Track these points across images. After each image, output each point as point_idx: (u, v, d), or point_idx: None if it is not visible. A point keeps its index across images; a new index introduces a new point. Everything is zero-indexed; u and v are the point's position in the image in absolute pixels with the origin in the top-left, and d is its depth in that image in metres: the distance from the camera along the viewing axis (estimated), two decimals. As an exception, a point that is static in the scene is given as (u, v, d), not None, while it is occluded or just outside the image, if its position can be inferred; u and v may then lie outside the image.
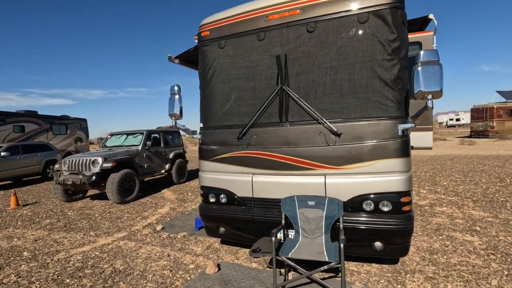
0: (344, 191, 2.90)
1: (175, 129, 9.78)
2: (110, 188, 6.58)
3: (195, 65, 5.05)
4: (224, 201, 3.49)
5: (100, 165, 6.70)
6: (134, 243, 4.27)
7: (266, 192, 3.24)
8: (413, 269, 3.13)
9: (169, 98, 3.62)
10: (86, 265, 3.61)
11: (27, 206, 7.15)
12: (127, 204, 6.82)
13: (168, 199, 7.22)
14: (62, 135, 17.18)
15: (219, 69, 3.50)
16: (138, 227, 5.04)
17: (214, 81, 3.53)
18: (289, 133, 3.13)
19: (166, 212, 6.00)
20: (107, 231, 4.89)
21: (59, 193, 7.09)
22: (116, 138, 8.60)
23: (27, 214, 6.36)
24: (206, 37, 3.59)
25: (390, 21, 2.77)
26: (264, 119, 3.25)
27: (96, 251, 4.06)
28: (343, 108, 2.93)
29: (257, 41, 3.29)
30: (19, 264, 3.74)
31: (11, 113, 14.28)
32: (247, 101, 3.35)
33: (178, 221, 5.29)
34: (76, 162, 6.89)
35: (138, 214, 5.90)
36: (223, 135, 3.48)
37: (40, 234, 4.92)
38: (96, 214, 6.07)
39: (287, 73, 3.13)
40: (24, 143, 11.47)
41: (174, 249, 3.98)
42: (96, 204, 6.97)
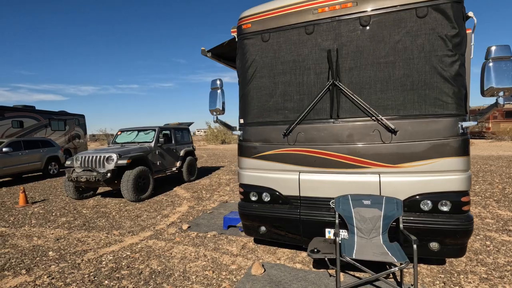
0: (401, 190, 2.83)
1: (184, 126, 9.62)
2: (125, 186, 6.39)
3: (227, 60, 4.96)
4: (267, 200, 3.39)
5: (115, 162, 6.51)
6: (164, 243, 4.13)
7: (315, 191, 3.14)
8: (464, 270, 3.08)
9: (210, 92, 3.49)
10: (121, 266, 3.46)
11: (36, 203, 6.91)
12: (142, 202, 6.65)
13: (183, 197, 7.06)
14: (60, 131, 16.76)
15: (262, 63, 3.38)
16: (162, 226, 4.89)
17: (257, 76, 3.41)
18: (340, 130, 3.04)
19: (186, 210, 5.85)
20: (131, 230, 4.73)
21: (70, 191, 6.86)
22: (127, 134, 8.38)
23: (39, 212, 6.13)
24: (248, 29, 3.47)
25: (451, 16, 2.69)
26: (313, 115, 3.15)
27: (126, 250, 3.90)
28: (400, 105, 2.85)
29: (305, 34, 3.19)
30: (48, 264, 3.57)
31: (10, 107, 13.84)
32: (294, 97, 3.24)
33: (202, 220, 5.15)
34: (89, 159, 6.67)
35: (157, 213, 5.74)
36: (267, 131, 3.37)
37: (60, 233, 4.73)
38: (113, 212, 5.89)
39: (338, 68, 3.04)
40: (26, 139, 11.12)
41: (208, 249, 3.86)
42: (109, 202, 6.77)
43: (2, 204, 6.94)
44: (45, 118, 15.67)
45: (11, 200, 7.42)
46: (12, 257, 3.82)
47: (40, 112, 15.48)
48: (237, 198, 6.78)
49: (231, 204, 6.21)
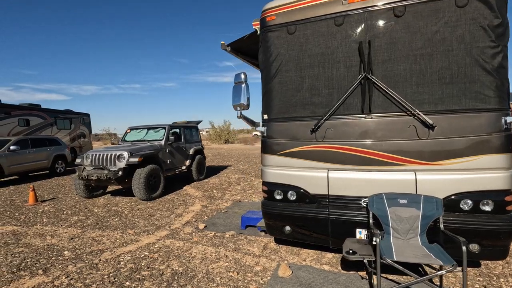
0: (439, 188, 2.69)
1: (193, 124, 9.50)
2: (136, 184, 6.28)
3: (245, 56, 4.83)
4: (293, 199, 3.25)
5: (126, 160, 6.40)
6: (182, 243, 4.01)
7: (345, 189, 3.01)
8: (502, 273, 2.94)
9: (234, 87, 3.36)
10: (140, 266, 3.34)
11: (45, 202, 6.81)
12: (153, 201, 6.53)
13: (195, 196, 6.94)
14: (66, 129, 16.71)
15: (288, 57, 3.25)
16: (178, 226, 4.77)
17: (282, 70, 3.27)
18: (372, 125, 2.90)
19: (199, 210, 5.73)
20: (146, 230, 4.61)
21: (80, 189, 6.75)
22: (136, 132, 8.28)
23: (50, 210, 6.03)
24: (272, 22, 3.34)
25: (494, 5, 2.55)
26: (343, 111, 3.01)
27: (143, 250, 3.78)
28: (438, 99, 2.71)
29: (334, 26, 3.05)
30: (64, 264, 3.45)
31: (16, 106, 13.79)
32: (322, 91, 3.11)
33: (218, 219, 5.03)
34: (100, 157, 6.56)
35: (170, 212, 5.62)
36: (293, 127, 3.24)
37: (74, 232, 4.62)
38: (125, 211, 5.77)
39: (370, 60, 2.90)
40: (33, 137, 11.05)
41: (229, 250, 3.73)
42: (120, 200, 6.66)
43: (11, 203, 6.85)
44: (51, 116, 15.62)
45: (20, 198, 7.33)
46: (27, 256, 3.71)
47: (46, 111, 15.43)
48: (249, 197, 6.65)
49: (245, 203, 6.09)
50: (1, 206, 6.55)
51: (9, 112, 12.95)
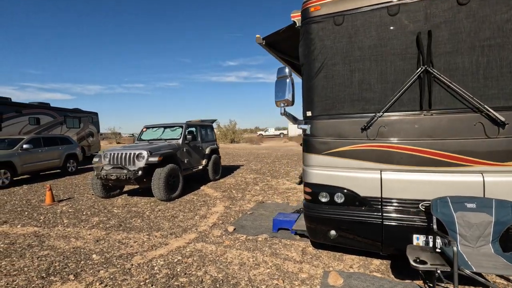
0: (511, 192, 2.47)
1: (208, 123, 9.31)
2: (156, 184, 6.10)
3: (279, 52, 4.63)
4: (340, 201, 3.04)
5: (145, 159, 6.22)
6: (213, 247, 3.81)
7: (401, 192, 2.79)
8: None
9: (277, 82, 3.15)
10: (176, 272, 3.15)
11: (62, 202, 6.65)
12: (173, 201, 6.35)
13: (214, 197, 6.75)
14: (75, 128, 16.62)
15: (334, 50, 3.04)
16: (205, 228, 4.57)
17: (328, 64, 3.06)
18: (432, 122, 2.68)
19: (223, 211, 5.53)
20: (172, 232, 4.42)
21: (97, 189, 6.59)
22: (152, 131, 8.10)
23: (68, 210, 5.86)
24: (317, 12, 3.12)
25: None
26: (399, 107, 2.79)
27: (175, 255, 3.59)
28: (510, 94, 2.48)
29: (388, 16, 2.83)
30: (95, 269, 3.27)
31: (27, 104, 13.70)
32: (374, 86, 2.89)
33: (245, 221, 4.83)
34: (118, 156, 6.39)
35: (193, 213, 5.43)
36: (340, 125, 3.02)
37: (98, 233, 4.45)
38: (146, 212, 5.59)
39: (430, 52, 2.67)
40: (45, 136, 10.94)
41: (266, 254, 3.53)
42: (139, 201, 6.49)
43: (28, 202, 6.70)
44: (61, 115, 15.53)
45: (35, 198, 7.18)
46: (54, 260, 3.54)
47: (56, 109, 15.34)
48: (271, 198, 6.45)
49: (268, 204, 5.88)
50: (18, 206, 6.41)
51: (20, 110, 12.86)
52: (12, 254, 3.77)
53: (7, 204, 6.57)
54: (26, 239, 4.31)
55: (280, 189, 7.39)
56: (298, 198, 6.34)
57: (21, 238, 4.36)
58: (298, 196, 6.52)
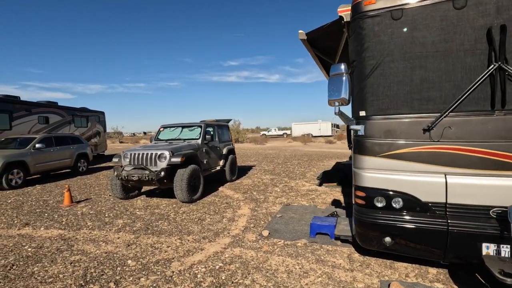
0: None
1: (223, 123, 9.14)
2: (179, 185, 5.93)
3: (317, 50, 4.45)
4: (398, 206, 2.87)
5: (168, 159, 6.05)
6: (253, 252, 3.64)
7: (469, 197, 2.62)
8: None
9: (331, 80, 2.98)
10: (222, 280, 2.98)
11: (80, 203, 6.49)
12: (195, 203, 6.18)
13: (235, 198, 6.58)
14: (83, 127, 16.48)
15: (392, 46, 2.86)
16: (237, 232, 4.40)
17: (385, 60, 2.89)
18: (506, 123, 2.51)
19: (249, 214, 5.36)
20: (205, 236, 4.25)
21: (117, 190, 6.42)
22: (170, 130, 7.93)
23: (89, 212, 5.70)
24: (371, 6, 2.95)
25: None
26: (466, 106, 2.62)
27: (215, 261, 3.42)
28: None
29: (453, 9, 2.66)
30: (135, 276, 3.11)
31: (36, 103, 13.54)
32: (438, 84, 2.72)
33: (277, 225, 4.65)
34: (139, 156, 6.22)
35: (219, 216, 5.26)
36: (399, 125, 2.85)
37: (126, 237, 4.28)
38: (171, 214, 5.42)
39: (504, 48, 2.50)
40: (56, 135, 10.77)
41: (311, 261, 3.36)
42: (159, 202, 6.32)
43: (45, 203, 6.54)
44: (69, 114, 15.38)
45: (51, 198, 7.02)
46: (89, 266, 3.37)
47: (64, 108, 15.19)
48: (295, 200, 6.27)
49: (295, 207, 5.71)
50: (36, 207, 6.25)
51: (29, 109, 12.71)
52: (42, 259, 3.60)
53: (24, 205, 6.40)
54: (53, 242, 4.14)
55: (301, 190, 7.22)
56: (323, 200, 6.16)
57: (47, 241, 4.19)
58: (323, 198, 6.35)
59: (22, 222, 5.14)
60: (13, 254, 3.78)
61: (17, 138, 9.88)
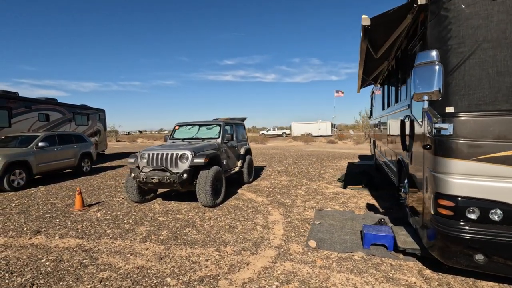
0: None
1: (238, 121, 8.67)
2: (203, 189, 5.46)
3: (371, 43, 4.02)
4: (498, 219, 2.45)
5: (190, 160, 5.57)
6: (307, 268, 3.20)
7: None
8: None
9: (417, 69, 2.55)
10: (286, 305, 2.53)
11: (92, 207, 5.98)
12: (219, 208, 5.71)
13: (260, 202, 6.13)
14: (84, 125, 15.87)
15: (491, 31, 2.45)
16: (278, 242, 3.96)
17: (482, 47, 2.47)
18: None
19: (283, 220, 4.92)
20: (244, 247, 3.80)
21: (133, 193, 5.92)
22: (186, 129, 7.44)
23: (105, 218, 5.20)
24: (461, -15, 2.53)
25: None
26: None
27: (268, 279, 2.98)
28: None
29: None
30: (181, 299, 2.64)
31: (36, 99, 12.91)
32: (550, 76, 2.31)
33: (321, 234, 4.22)
34: (159, 157, 5.73)
35: (251, 222, 4.81)
36: (500, 123, 2.43)
37: (156, 248, 3.80)
38: (196, 220, 4.95)
39: None
40: (60, 133, 10.19)
41: (379, 279, 2.93)
42: (178, 206, 5.84)
43: (53, 207, 6.02)
44: (70, 112, 14.76)
45: (59, 201, 6.49)
46: (122, 285, 2.90)
47: (64, 106, 14.56)
48: (325, 204, 5.84)
49: (330, 213, 5.28)
50: (44, 211, 5.72)
51: (29, 106, 12.08)
52: (65, 276, 3.12)
53: (31, 209, 5.88)
54: (73, 254, 3.65)
55: (327, 193, 6.80)
56: (356, 205, 5.75)
57: (66, 253, 3.70)
58: (355, 202, 5.94)
59: (32, 230, 4.63)
60: (29, 270, 3.28)
61: (19, 136, 9.29)
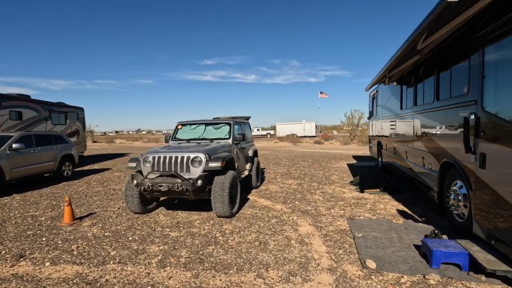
0: None
1: (244, 120, 7.99)
2: (219, 197, 4.72)
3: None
4: None
5: (204, 164, 4.81)
6: (383, 298, 2.59)
7: None
8: None
9: None
10: None
11: (84, 220, 5.06)
12: (236, 218, 5.00)
13: (280, 210, 5.47)
14: (61, 125, 14.48)
15: None
16: (328, 262, 3.32)
17: None
18: None
19: (317, 233, 4.29)
20: (290, 270, 3.13)
21: (134, 202, 5.06)
22: (190, 128, 6.63)
23: (103, 234, 4.33)
24: None
25: None
26: None
27: (344, 318, 2.33)
28: None
29: None
30: None
31: (6, 95, 11.49)
32: None
33: (371, 249, 3.63)
34: (166, 161, 4.91)
35: (281, 236, 4.14)
36: None
37: (180, 276, 3.04)
38: (217, 235, 4.21)
39: None
40: (37, 133, 8.99)
41: (479, 312, 2.38)
42: (188, 217, 5.05)
43: (35, 221, 5.03)
44: (45, 109, 13.36)
45: (42, 213, 5.48)
46: (154, 338, 2.14)
47: (39, 103, 13.15)
48: (354, 212, 5.29)
49: (364, 222, 4.72)
50: (25, 226, 4.74)
51: (-1, 102, 10.69)
52: (70, 325, 2.30)
53: (7, 224, 4.87)
54: (74, 289, 2.82)
55: (347, 199, 6.27)
56: (387, 212, 5.25)
57: (64, 288, 2.85)
58: (383, 208, 5.43)
59: (13, 253, 3.69)
60: (17, 316, 2.43)
61: (-13, 137, 8.04)
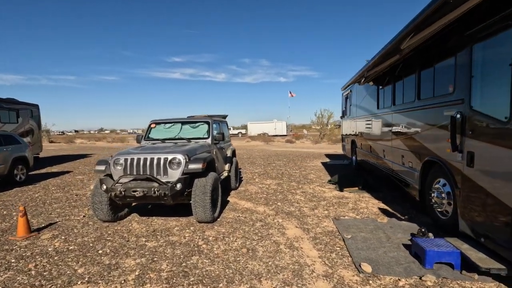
0: None
1: (220, 119, 7.67)
2: (201, 201, 4.38)
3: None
4: None
5: (183, 166, 4.44)
6: (387, 306, 2.47)
7: None
8: None
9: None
10: None
11: (42, 231, 4.44)
12: (218, 223, 4.69)
13: (263, 212, 5.26)
14: (12, 123, 13.01)
15: None
16: (321, 267, 3.16)
17: None
18: None
19: (305, 236, 4.14)
20: (285, 280, 2.91)
21: (102, 210, 4.54)
22: (165, 128, 6.17)
23: (68, 248, 3.80)
24: None
25: None
26: None
27: (351, 332, 2.16)
28: None
29: None
30: None
31: None
32: None
33: (363, 251, 3.53)
34: (140, 163, 4.45)
35: (269, 241, 3.93)
36: None
37: (165, 294, 2.69)
38: (199, 243, 3.88)
39: None
40: (-18, 133, 7.89)
41: (481, 314, 2.34)
42: (165, 223, 4.65)
43: (-18, 236, 4.31)
44: (-8, 106, 11.88)
45: (-10, 226, 4.74)
46: None
47: (-17, 98, 11.67)
48: (337, 212, 5.24)
49: (350, 222, 4.66)
50: (-32, 243, 4.03)
51: None
52: None
53: None
54: (34, 321, 2.35)
55: (328, 198, 6.23)
56: (369, 210, 5.26)
57: (22, 319, 2.37)
58: (365, 207, 5.45)
59: (-47, 278, 3.07)
60: None
61: None
